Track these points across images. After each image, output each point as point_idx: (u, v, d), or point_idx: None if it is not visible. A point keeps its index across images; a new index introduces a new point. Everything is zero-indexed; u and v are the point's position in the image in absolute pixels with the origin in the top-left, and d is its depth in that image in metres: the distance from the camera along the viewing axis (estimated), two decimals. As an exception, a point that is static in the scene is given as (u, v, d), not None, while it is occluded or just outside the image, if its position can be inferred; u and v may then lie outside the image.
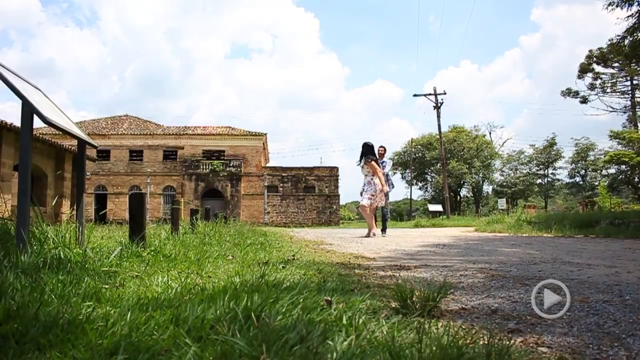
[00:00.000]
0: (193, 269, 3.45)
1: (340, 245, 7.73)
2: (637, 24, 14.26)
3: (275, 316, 1.72)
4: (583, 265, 4.50)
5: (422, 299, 2.18)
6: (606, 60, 43.93)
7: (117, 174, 47.93)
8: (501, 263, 4.74)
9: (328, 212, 49.09)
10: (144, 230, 4.48)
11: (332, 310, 1.93)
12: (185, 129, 51.05)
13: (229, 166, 47.40)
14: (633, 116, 44.87)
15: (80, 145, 4.30)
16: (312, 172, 49.80)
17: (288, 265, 3.87)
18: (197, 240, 5.78)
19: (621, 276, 3.68)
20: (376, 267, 4.37)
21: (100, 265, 3.09)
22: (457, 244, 8.24)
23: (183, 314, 1.77)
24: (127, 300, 2.16)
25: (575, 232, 13.08)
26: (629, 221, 13.54)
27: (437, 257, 5.62)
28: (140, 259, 3.70)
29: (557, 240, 10.10)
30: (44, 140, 18.83)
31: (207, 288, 2.50)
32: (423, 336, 1.48)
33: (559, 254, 5.95)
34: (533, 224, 16.08)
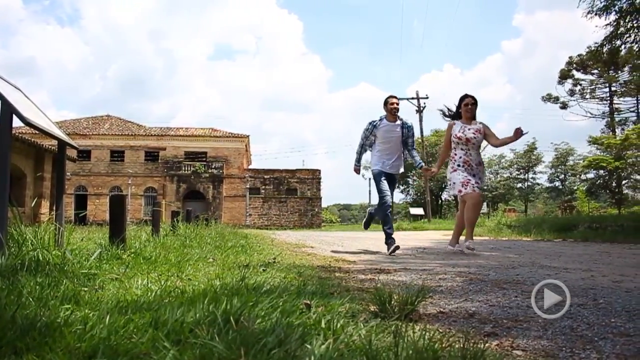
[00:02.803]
0: (173, 272, 3.44)
1: (322, 248, 7.75)
2: (614, 32, 14.48)
3: (255, 320, 1.73)
4: (560, 269, 4.56)
5: (401, 303, 2.20)
6: (585, 67, 44.50)
7: (97, 174, 47.46)
8: (480, 267, 4.79)
9: (310, 215, 49.08)
10: (124, 232, 4.45)
11: (311, 313, 1.95)
12: (167, 130, 50.71)
13: (211, 168, 47.19)
14: (611, 122, 45.50)
15: (60, 146, 4.26)
16: (294, 175, 49.77)
17: (269, 268, 3.88)
18: (178, 242, 5.76)
19: (596, 280, 3.75)
20: (356, 270, 4.39)
21: (80, 268, 3.07)
22: (437, 247, 8.30)
23: (162, 317, 1.77)
24: (106, 303, 2.15)
25: (554, 236, 13.24)
26: (606, 225, 13.75)
27: (417, 260, 5.66)
28: (120, 262, 3.68)
29: (536, 244, 10.22)
30: (23, 139, 18.59)
31: (187, 291, 2.50)
32: (400, 340, 1.50)
33: (537, 258, 6.02)
34: (513, 228, 16.25)
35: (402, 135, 7.16)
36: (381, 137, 7.15)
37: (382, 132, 7.14)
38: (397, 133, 7.16)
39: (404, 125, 7.20)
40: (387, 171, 7.16)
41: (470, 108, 6.88)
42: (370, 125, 7.23)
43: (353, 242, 9.84)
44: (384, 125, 7.15)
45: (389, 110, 7.15)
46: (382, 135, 7.14)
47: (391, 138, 7.14)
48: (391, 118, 7.17)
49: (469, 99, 6.93)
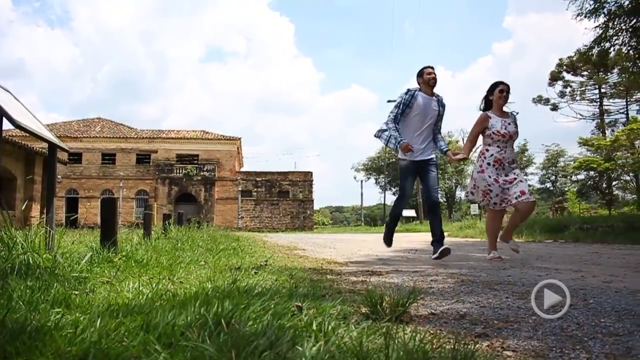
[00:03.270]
0: (165, 275, 3.43)
1: (314, 251, 7.75)
2: (603, 35, 14.60)
3: (246, 322, 1.73)
4: (551, 270, 4.59)
5: (392, 305, 2.21)
6: (575, 69, 44.80)
7: (89, 177, 47.26)
8: (471, 268, 4.81)
9: (302, 217, 49.08)
10: (115, 235, 4.44)
11: (302, 316, 1.95)
12: (158, 132, 50.58)
13: (203, 170, 47.11)
14: (601, 123, 45.82)
15: (51, 149, 4.25)
16: (286, 177, 49.78)
17: (260, 271, 3.88)
18: (170, 245, 5.74)
19: (587, 280, 3.77)
20: (348, 272, 4.40)
21: (70, 271, 3.05)
22: (429, 249, 8.31)
23: (154, 320, 1.77)
24: (97, 306, 2.15)
25: (545, 237, 13.32)
26: (596, 226, 13.85)
27: (409, 262, 5.68)
28: (111, 265, 3.67)
29: (528, 245, 10.27)
30: (14, 142, 18.50)
31: (179, 294, 2.50)
32: (390, 341, 1.51)
33: (529, 259, 6.05)
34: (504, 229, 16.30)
35: (437, 114, 6.05)
36: (416, 112, 5.93)
37: (419, 106, 5.91)
38: (434, 110, 6.00)
39: (440, 102, 6.09)
40: (417, 159, 5.96)
41: (505, 96, 6.03)
42: (408, 94, 5.94)
43: (345, 245, 9.85)
44: (421, 97, 5.94)
45: (425, 82, 5.99)
46: (418, 110, 5.92)
47: (427, 115, 5.95)
48: (428, 91, 5.99)
49: (503, 85, 6.07)
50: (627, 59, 16.35)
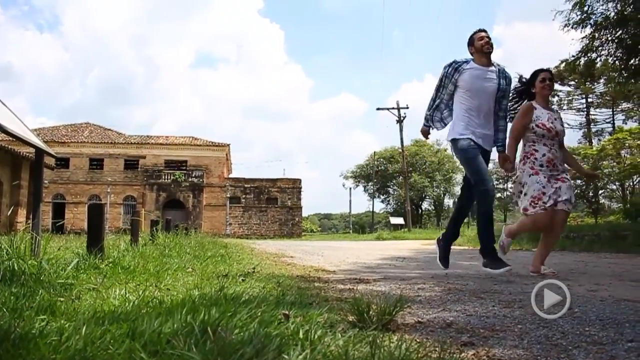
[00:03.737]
0: (152, 282, 3.42)
1: (302, 258, 7.74)
2: (590, 45, 14.80)
3: (232, 330, 1.73)
4: (537, 279, 4.61)
5: (379, 313, 2.21)
6: (562, 79, 45.21)
7: (76, 182, 46.94)
8: (459, 276, 4.83)
9: (290, 224, 49.03)
10: (102, 241, 4.42)
11: (289, 324, 1.95)
12: (147, 138, 50.41)
13: (191, 176, 46.96)
14: (588, 133, 46.29)
15: (37, 154, 4.22)
16: (275, 184, 49.75)
17: (248, 278, 3.87)
18: (157, 252, 5.72)
19: (573, 289, 3.79)
20: (336, 280, 4.40)
21: (56, 278, 3.03)
22: (417, 257, 8.34)
23: (140, 328, 1.76)
24: (82, 313, 2.13)
25: (532, 246, 13.36)
26: (583, 234, 13.96)
27: (396, 270, 5.69)
28: (97, 271, 3.65)
29: (515, 253, 10.31)
30: (1, 147, 18.35)
31: (165, 301, 2.49)
32: (376, 350, 1.51)
33: (515, 267, 6.08)
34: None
35: (497, 89, 4.81)
36: (467, 86, 4.77)
37: (469, 77, 4.76)
38: (492, 84, 4.79)
39: (501, 73, 4.86)
40: (480, 144, 4.82)
41: (549, 85, 4.98)
42: (450, 67, 4.83)
43: (333, 252, 9.85)
44: (471, 68, 4.78)
45: (478, 50, 4.79)
46: (468, 83, 4.77)
47: (482, 89, 4.76)
48: (483, 60, 4.80)
49: (545, 73, 5.01)
50: (613, 70, 16.57)
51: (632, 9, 13.41)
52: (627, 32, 13.98)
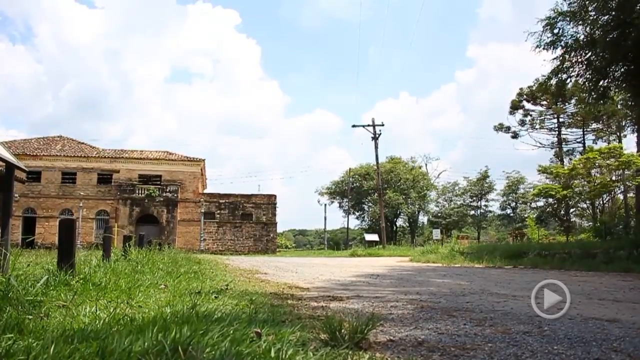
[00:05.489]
0: (123, 299, 3.38)
1: (275, 275, 7.72)
2: (561, 66, 15.14)
3: (204, 349, 1.73)
4: (509, 297, 4.68)
5: (351, 331, 2.23)
6: (535, 98, 46.20)
7: (47, 196, 46.12)
8: (431, 294, 4.86)
9: (265, 240, 48.76)
10: (73, 257, 4.35)
11: (261, 342, 1.95)
12: (121, 152, 49.86)
13: (166, 191, 46.50)
14: (559, 152, 47.16)
15: (8, 168, 4.16)
16: (249, 200, 49.51)
17: (221, 295, 3.85)
18: (130, 267, 5.65)
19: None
20: (309, 297, 4.41)
21: (25, 295, 2.98)
22: (391, 274, 8.37)
23: (110, 346, 1.75)
24: (51, 331, 2.11)
25: (505, 263, 13.52)
26: (554, 252, 14.18)
27: (370, 287, 5.71)
28: (68, 288, 3.60)
29: (488, 271, 10.42)
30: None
31: (137, 319, 2.47)
32: (347, 368, 1.52)
33: (487, 285, 6.14)
34: (465, 255, 16.53)
35: None
36: None
37: None
38: None
39: None
40: None
41: None
42: None
43: (307, 269, 9.83)
44: None
45: None
46: None
47: None
48: None
49: None
50: (583, 90, 16.95)
51: (600, 32, 13.76)
52: (596, 54, 14.34)
